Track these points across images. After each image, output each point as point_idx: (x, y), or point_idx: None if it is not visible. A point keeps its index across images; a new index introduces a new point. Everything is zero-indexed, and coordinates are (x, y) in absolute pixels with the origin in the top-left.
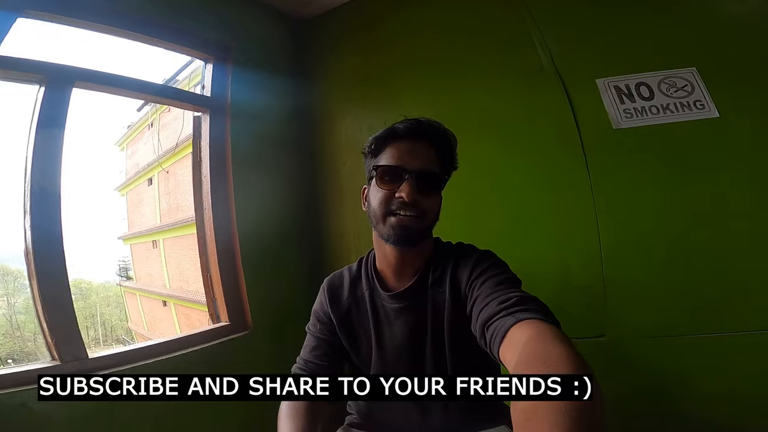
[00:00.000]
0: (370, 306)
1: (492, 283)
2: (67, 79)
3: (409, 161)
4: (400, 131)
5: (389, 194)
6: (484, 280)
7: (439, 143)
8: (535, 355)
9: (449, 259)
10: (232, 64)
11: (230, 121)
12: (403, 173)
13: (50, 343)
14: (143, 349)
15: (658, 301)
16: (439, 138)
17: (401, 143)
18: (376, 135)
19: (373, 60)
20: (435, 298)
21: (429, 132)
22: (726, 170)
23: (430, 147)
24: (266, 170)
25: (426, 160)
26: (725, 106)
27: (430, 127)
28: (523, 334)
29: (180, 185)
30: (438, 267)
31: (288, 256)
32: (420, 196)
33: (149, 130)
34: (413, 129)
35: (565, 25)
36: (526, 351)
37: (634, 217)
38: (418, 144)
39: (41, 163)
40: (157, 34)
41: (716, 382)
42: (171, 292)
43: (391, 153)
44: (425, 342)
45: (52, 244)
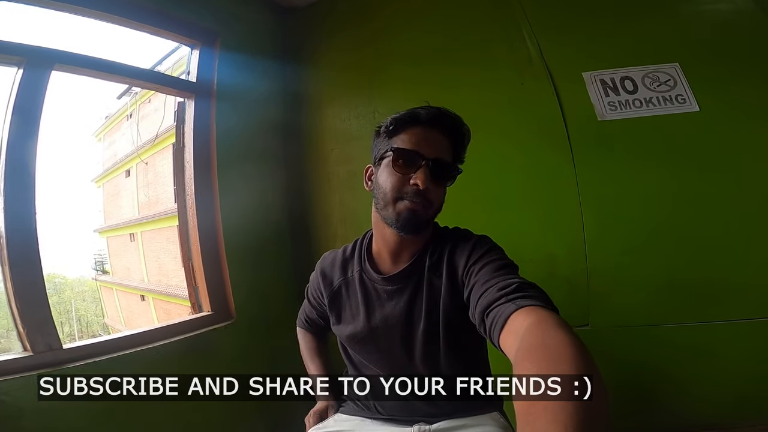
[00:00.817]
0: (360, 286)
1: (490, 268)
2: (47, 62)
3: (426, 148)
4: (422, 117)
5: (403, 179)
6: (482, 266)
7: (456, 136)
8: (537, 342)
9: (446, 243)
10: (218, 50)
11: (215, 107)
12: (419, 159)
13: (22, 333)
14: (120, 340)
15: (641, 290)
16: (457, 131)
17: (421, 129)
18: (396, 116)
19: (362, 51)
20: (432, 282)
21: (449, 123)
22: (706, 162)
23: (447, 137)
24: (252, 156)
25: (443, 150)
26: (706, 100)
27: (450, 118)
28: (524, 321)
29: (159, 177)
30: (435, 251)
31: (273, 243)
32: (432, 185)
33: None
34: (435, 117)
35: (554, 19)
36: (527, 338)
37: (618, 207)
38: (437, 133)
39: (16, 146)
40: (142, 18)
41: (698, 370)
42: (150, 286)
43: (409, 137)
44: (418, 324)
45: (26, 229)
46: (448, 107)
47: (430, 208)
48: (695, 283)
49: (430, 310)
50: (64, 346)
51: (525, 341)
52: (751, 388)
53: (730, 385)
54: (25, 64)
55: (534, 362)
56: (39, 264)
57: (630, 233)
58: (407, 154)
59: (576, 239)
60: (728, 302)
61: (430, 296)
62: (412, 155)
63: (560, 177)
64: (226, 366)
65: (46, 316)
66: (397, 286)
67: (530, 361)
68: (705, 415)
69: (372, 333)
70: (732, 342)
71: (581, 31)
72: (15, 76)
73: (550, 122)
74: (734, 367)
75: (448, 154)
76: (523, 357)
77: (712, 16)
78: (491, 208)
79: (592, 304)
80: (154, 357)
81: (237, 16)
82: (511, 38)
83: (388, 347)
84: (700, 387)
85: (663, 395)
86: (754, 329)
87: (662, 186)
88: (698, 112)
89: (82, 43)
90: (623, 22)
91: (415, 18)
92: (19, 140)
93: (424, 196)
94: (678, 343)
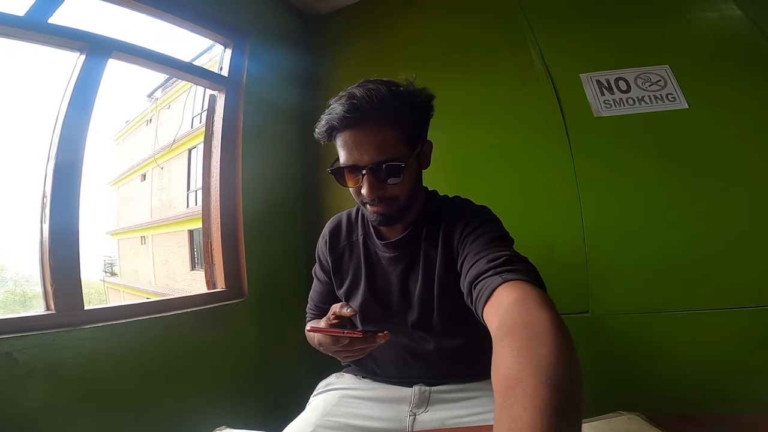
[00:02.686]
0: (363, 251)
1: (483, 240)
2: (106, 49)
3: (359, 156)
4: (337, 125)
5: (356, 189)
6: (475, 237)
7: (389, 117)
8: (518, 319)
9: (444, 213)
10: (249, 49)
11: (243, 99)
12: (357, 171)
13: (48, 291)
14: (138, 306)
15: (639, 278)
16: (385, 111)
17: (345, 135)
18: (318, 127)
19: (377, 60)
20: (428, 251)
21: (369, 112)
22: (695, 154)
23: (378, 127)
24: (273, 145)
25: (377, 149)
26: (694, 99)
27: (368, 103)
28: (509, 296)
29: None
30: (433, 220)
31: (286, 227)
32: (384, 186)
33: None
34: (349, 118)
35: (555, 26)
36: (509, 314)
37: (614, 196)
38: (362, 131)
39: (71, 124)
40: (185, 15)
41: (695, 357)
42: (156, 289)
43: (340, 149)
44: (414, 290)
45: (69, 191)
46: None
47: (395, 202)
48: (692, 272)
49: (426, 278)
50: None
51: (507, 317)
52: (746, 376)
53: (727, 372)
54: (88, 50)
55: (515, 340)
56: (77, 223)
57: (626, 222)
58: (343, 171)
59: (575, 227)
60: (725, 290)
61: (426, 265)
62: (349, 169)
63: (559, 168)
64: (234, 339)
65: (75, 276)
66: (395, 254)
67: (511, 338)
68: (703, 401)
69: (372, 297)
70: (729, 329)
71: (579, 38)
72: (77, 61)
73: (550, 118)
74: (731, 354)
75: (388, 148)
76: (504, 334)
77: (700, 23)
78: (493, 196)
79: (592, 291)
80: (168, 324)
81: (266, 20)
82: (516, 46)
83: (386, 312)
84: (698, 373)
85: (662, 381)
86: (749, 317)
87: (655, 176)
88: (687, 109)
89: (130, 34)
90: (618, 30)
91: (427, 31)
92: (73, 124)
93: (379, 199)
94: (676, 330)
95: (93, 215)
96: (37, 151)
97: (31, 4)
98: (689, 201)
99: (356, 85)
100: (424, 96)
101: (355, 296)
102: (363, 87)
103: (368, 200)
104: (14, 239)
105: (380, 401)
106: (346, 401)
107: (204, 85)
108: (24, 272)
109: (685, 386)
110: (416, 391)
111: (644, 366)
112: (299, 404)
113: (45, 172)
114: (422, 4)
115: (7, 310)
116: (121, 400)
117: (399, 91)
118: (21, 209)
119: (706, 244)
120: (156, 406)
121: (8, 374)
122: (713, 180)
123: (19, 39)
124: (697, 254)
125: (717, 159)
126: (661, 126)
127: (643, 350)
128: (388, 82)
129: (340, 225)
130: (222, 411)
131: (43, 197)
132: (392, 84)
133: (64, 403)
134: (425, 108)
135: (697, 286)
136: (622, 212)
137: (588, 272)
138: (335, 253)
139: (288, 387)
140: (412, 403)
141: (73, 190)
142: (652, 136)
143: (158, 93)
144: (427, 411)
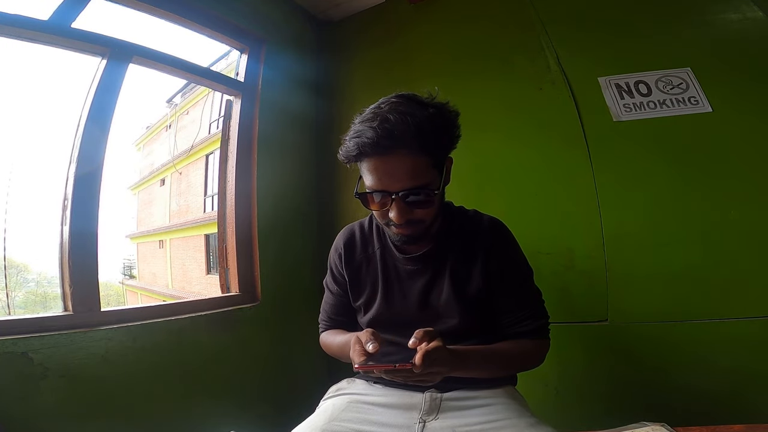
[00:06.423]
0: (381, 264)
1: (517, 300)
2: (127, 53)
3: (389, 183)
4: (367, 150)
5: (383, 212)
6: (512, 290)
7: (423, 144)
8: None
9: (471, 231)
10: (264, 55)
11: (259, 105)
12: (386, 196)
13: (67, 293)
14: (153, 308)
15: (659, 286)
16: (421, 138)
17: (375, 160)
18: (345, 150)
19: (393, 68)
20: (454, 268)
21: (404, 140)
22: (719, 160)
23: (411, 155)
24: (287, 149)
25: (409, 177)
26: (718, 102)
27: (402, 130)
28: (526, 344)
29: (192, 187)
30: (457, 236)
31: (300, 232)
32: (413, 211)
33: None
34: (380, 144)
35: (571, 28)
36: (518, 346)
37: (634, 204)
38: (395, 158)
39: (92, 128)
40: (204, 22)
41: (718, 367)
42: (173, 292)
43: (368, 173)
44: (436, 303)
45: (89, 195)
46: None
47: (421, 225)
48: (713, 281)
49: (450, 293)
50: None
51: (516, 347)
52: None
53: (751, 382)
54: (109, 54)
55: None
56: (96, 225)
57: (647, 229)
58: (372, 196)
59: (594, 234)
60: (745, 300)
61: (451, 281)
62: (378, 195)
63: (579, 174)
64: (246, 343)
65: (92, 278)
66: (417, 267)
67: (509, 350)
68: (726, 412)
69: (389, 309)
70: (753, 339)
71: (596, 41)
72: (98, 65)
73: (568, 123)
74: (756, 364)
75: (419, 174)
76: (510, 346)
77: (721, 24)
78: (512, 204)
79: (611, 299)
80: (182, 327)
81: (281, 27)
82: (530, 49)
83: (404, 322)
84: (721, 383)
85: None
86: None
87: (676, 181)
88: (711, 113)
89: (150, 40)
90: (636, 31)
91: (441, 36)
92: (95, 124)
93: (407, 223)
94: (699, 339)
95: (114, 219)
96: (59, 154)
97: (55, 8)
98: (711, 207)
99: (383, 102)
100: (453, 116)
101: (372, 308)
102: (395, 111)
103: (395, 224)
104: (38, 241)
105: (390, 407)
106: (355, 406)
107: (221, 90)
108: (46, 273)
109: (708, 396)
110: (427, 398)
111: (664, 376)
112: (310, 409)
113: (66, 176)
114: (435, 9)
115: (28, 311)
116: (133, 402)
117: (431, 114)
118: (44, 211)
119: (728, 251)
120: (168, 408)
121: (23, 374)
122: (737, 185)
123: (43, 43)
124: (719, 262)
125: (741, 163)
126: (683, 130)
127: (664, 360)
128: (415, 99)
129: (353, 237)
130: (233, 414)
131: (64, 200)
132: (421, 103)
133: (77, 404)
134: (455, 131)
135: (719, 294)
136: (642, 219)
137: (607, 280)
138: (352, 267)
139: (299, 392)
140: (422, 409)
141: (93, 193)
142: (674, 140)
143: (177, 99)
144: (438, 418)
